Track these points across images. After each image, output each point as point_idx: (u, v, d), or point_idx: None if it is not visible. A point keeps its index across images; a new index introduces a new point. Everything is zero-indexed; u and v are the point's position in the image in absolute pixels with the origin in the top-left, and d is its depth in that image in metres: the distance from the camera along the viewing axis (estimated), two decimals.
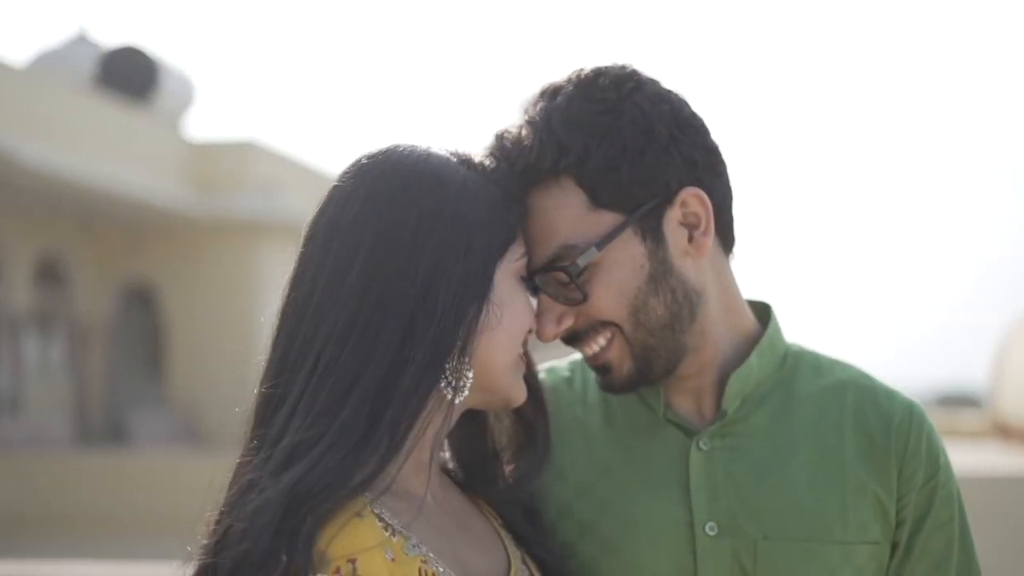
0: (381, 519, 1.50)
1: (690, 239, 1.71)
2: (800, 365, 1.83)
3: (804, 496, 1.73)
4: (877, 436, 1.77)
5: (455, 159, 1.64)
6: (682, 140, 1.70)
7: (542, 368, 1.91)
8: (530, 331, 1.68)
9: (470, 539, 1.64)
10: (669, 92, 1.74)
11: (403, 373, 1.52)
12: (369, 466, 1.49)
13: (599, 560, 1.74)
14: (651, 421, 1.79)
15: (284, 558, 1.40)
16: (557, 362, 1.93)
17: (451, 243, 1.56)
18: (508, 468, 1.76)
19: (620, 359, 1.73)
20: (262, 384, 1.57)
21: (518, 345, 1.64)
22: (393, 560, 1.48)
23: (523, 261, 1.66)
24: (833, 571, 1.71)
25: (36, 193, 19.09)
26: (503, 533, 1.71)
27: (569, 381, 1.89)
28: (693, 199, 1.71)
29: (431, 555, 1.53)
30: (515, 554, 1.68)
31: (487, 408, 1.69)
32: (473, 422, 1.75)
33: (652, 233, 1.69)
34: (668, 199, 1.69)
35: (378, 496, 1.52)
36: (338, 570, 1.44)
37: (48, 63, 23.18)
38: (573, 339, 1.74)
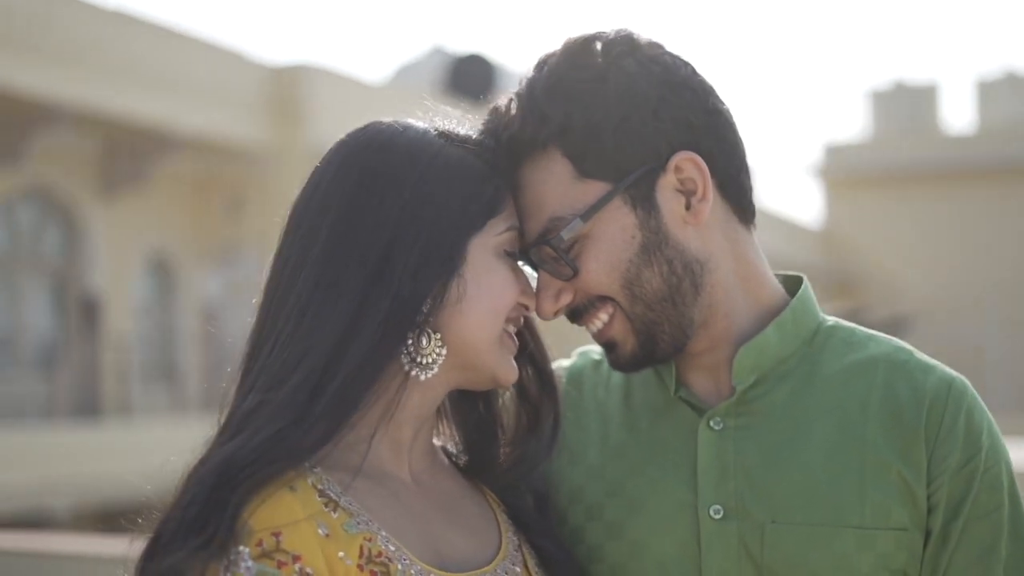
0: (324, 494, 1.47)
1: (687, 206, 1.62)
2: (831, 340, 1.70)
3: (818, 478, 1.60)
4: (906, 413, 1.62)
5: (434, 133, 1.60)
6: (674, 103, 1.61)
7: (577, 351, 1.86)
8: (527, 308, 1.63)
9: (455, 522, 1.60)
10: (664, 54, 1.64)
11: (350, 347, 1.49)
12: (307, 439, 1.46)
13: (604, 545, 1.67)
14: (667, 401, 1.70)
15: (210, 528, 1.39)
16: (592, 346, 1.85)
17: (414, 216, 1.53)
18: (506, 450, 1.70)
19: (623, 335, 1.65)
20: (243, 357, 1.58)
21: (497, 321, 1.58)
22: (327, 535, 1.44)
23: (508, 235, 1.60)
24: (849, 558, 1.58)
25: None
26: (503, 519, 1.66)
27: (597, 364, 1.82)
28: (688, 163, 1.61)
29: (383, 533, 1.48)
30: (510, 541, 1.63)
31: (475, 387, 1.63)
32: (480, 405, 1.70)
33: (643, 201, 1.60)
34: (661, 165, 1.60)
35: (328, 470, 1.49)
36: (260, 543, 1.40)
37: (407, 76, 24.34)
38: (575, 316, 1.66)
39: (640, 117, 1.59)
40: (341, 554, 1.43)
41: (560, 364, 1.81)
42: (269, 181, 18.36)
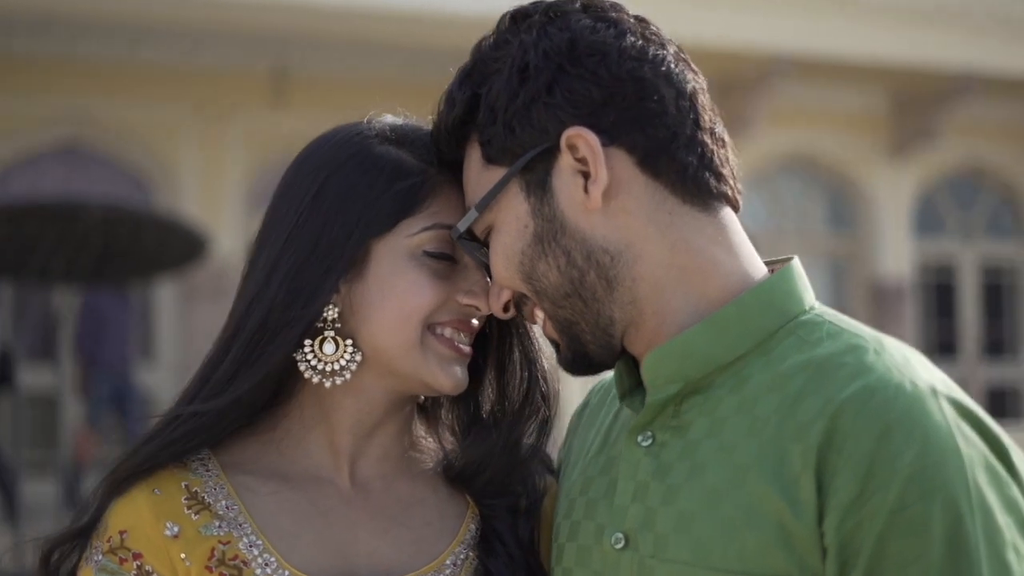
0: (196, 496, 1.52)
1: (586, 189, 1.42)
2: (789, 339, 1.40)
3: (694, 509, 1.36)
4: (809, 432, 1.31)
5: (369, 134, 1.56)
6: (572, 74, 1.41)
7: None
8: (477, 308, 1.54)
9: (391, 531, 1.56)
10: (583, 19, 1.44)
11: (225, 356, 1.53)
12: (162, 445, 1.51)
13: (553, 570, 1.53)
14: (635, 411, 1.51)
15: (85, 523, 1.52)
16: None
17: (303, 224, 1.52)
18: (462, 453, 1.62)
19: (555, 335, 1.49)
20: None
21: (408, 326, 1.51)
22: (175, 536, 1.49)
23: (428, 235, 1.52)
24: None
25: None
26: (467, 532, 1.59)
27: None
28: (578, 140, 1.41)
29: (251, 537, 1.50)
30: (455, 554, 1.56)
31: (418, 393, 1.58)
32: (477, 408, 1.63)
33: (537, 187, 1.44)
34: (555, 145, 1.42)
35: (235, 472, 1.54)
36: (110, 539, 1.50)
37: None
38: (520, 313, 1.53)
39: (530, 94, 1.42)
40: (183, 555, 1.49)
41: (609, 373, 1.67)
42: None
